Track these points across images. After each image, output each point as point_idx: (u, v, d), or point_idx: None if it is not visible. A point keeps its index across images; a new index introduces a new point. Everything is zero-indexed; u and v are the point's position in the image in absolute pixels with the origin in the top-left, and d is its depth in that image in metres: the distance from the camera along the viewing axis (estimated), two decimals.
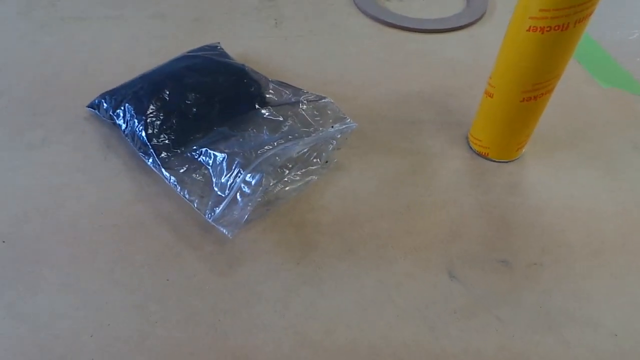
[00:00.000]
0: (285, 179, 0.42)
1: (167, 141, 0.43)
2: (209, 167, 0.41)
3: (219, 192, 0.39)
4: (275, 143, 0.42)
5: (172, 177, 0.41)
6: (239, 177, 0.39)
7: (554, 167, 0.46)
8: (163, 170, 0.41)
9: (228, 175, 0.39)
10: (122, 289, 0.37)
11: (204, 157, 0.42)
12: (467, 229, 0.41)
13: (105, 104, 0.47)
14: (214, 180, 0.40)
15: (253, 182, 0.39)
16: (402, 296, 0.37)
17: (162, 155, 0.42)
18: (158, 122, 0.43)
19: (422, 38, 0.60)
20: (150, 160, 0.42)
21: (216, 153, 0.41)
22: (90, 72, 0.54)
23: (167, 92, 0.45)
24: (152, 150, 0.42)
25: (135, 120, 0.44)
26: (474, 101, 0.50)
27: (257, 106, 0.46)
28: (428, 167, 0.46)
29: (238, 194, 0.38)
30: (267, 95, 0.47)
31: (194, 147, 0.42)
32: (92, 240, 0.40)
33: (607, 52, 0.58)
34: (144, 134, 0.43)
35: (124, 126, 0.45)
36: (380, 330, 0.35)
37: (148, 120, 0.43)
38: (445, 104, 0.52)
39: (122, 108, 0.45)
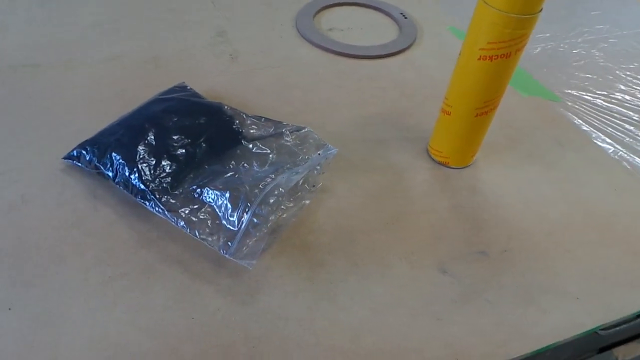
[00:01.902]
0: (282, 207, 0.45)
1: (164, 184, 0.44)
2: (213, 205, 0.43)
3: (229, 227, 0.41)
4: (273, 175, 0.45)
5: (179, 219, 0.42)
6: (247, 211, 0.42)
7: (501, 168, 0.54)
8: (167, 213, 0.42)
9: (236, 210, 0.42)
10: (150, 335, 0.38)
11: (205, 196, 0.43)
12: (446, 230, 0.47)
13: (87, 155, 0.46)
14: (220, 216, 0.42)
15: (261, 214, 0.41)
16: (408, 296, 0.42)
17: (163, 199, 0.43)
18: (151, 167, 0.44)
19: (369, 63, 0.66)
20: (151, 204, 0.43)
21: (216, 191, 0.43)
22: (55, 122, 0.52)
23: (152, 137, 0.46)
24: (151, 195, 0.43)
25: (127, 168, 0.44)
26: (426, 118, 0.58)
27: (243, 142, 0.49)
28: (402, 180, 0.52)
29: (250, 226, 0.41)
30: (251, 130, 0.50)
31: (193, 187, 0.44)
32: (106, 292, 0.40)
33: (520, 67, 0.68)
34: (139, 180, 0.44)
35: (112, 175, 0.45)
36: (398, 328, 0.40)
37: (140, 167, 0.44)
38: (401, 122, 0.58)
39: (109, 156, 0.45)
